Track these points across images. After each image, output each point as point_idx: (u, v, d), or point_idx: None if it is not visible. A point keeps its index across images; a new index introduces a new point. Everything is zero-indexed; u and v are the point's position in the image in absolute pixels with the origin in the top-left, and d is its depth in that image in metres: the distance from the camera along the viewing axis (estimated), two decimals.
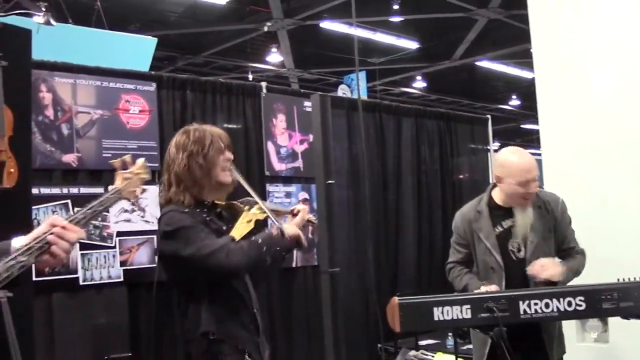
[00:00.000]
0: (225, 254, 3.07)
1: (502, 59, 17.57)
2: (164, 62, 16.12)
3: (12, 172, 4.11)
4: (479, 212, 4.19)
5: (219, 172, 3.31)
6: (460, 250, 4.32)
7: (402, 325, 3.53)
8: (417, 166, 8.00)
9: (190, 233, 3.12)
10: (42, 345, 4.94)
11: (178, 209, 3.20)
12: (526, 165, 3.97)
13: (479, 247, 4.17)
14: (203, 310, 3.18)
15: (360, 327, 7.13)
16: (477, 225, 4.17)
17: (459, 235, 4.32)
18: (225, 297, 3.23)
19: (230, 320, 3.21)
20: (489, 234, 4.12)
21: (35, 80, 5.02)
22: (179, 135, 3.38)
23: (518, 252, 4.08)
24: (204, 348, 3.18)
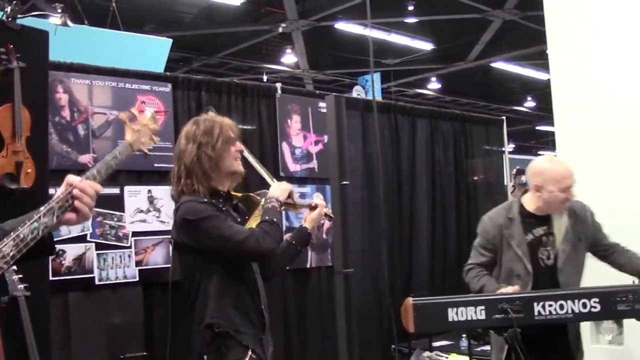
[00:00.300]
0: (257, 238, 3.13)
1: (517, 60, 17.51)
2: (179, 63, 16.15)
3: (29, 172, 4.14)
4: (511, 219, 4.16)
5: (230, 162, 3.33)
6: (484, 254, 4.30)
7: (416, 326, 3.54)
8: (431, 167, 8.00)
9: (216, 222, 3.16)
10: (58, 343, 4.97)
11: (197, 199, 3.22)
12: (566, 172, 4.02)
13: (508, 253, 4.15)
14: (210, 303, 3.21)
15: (374, 328, 7.14)
16: (508, 232, 4.15)
17: (486, 240, 4.29)
18: (234, 291, 3.25)
19: (236, 314, 3.23)
20: (521, 241, 4.10)
21: (52, 81, 5.06)
22: (189, 125, 3.39)
23: (547, 260, 4.09)
24: (208, 340, 3.21)
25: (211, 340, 3.20)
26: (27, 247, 2.01)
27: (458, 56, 17.22)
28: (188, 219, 3.18)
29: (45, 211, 2.09)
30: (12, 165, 4.04)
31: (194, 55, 16.24)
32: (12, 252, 1.96)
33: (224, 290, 3.22)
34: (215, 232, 3.14)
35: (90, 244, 5.19)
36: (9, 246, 1.96)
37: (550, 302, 3.54)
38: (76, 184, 2.18)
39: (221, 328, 3.18)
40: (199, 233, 3.16)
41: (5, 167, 4.02)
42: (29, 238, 2.01)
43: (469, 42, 16.35)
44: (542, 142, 27.83)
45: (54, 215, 2.10)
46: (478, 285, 4.18)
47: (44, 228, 2.06)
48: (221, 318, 3.19)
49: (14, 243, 1.97)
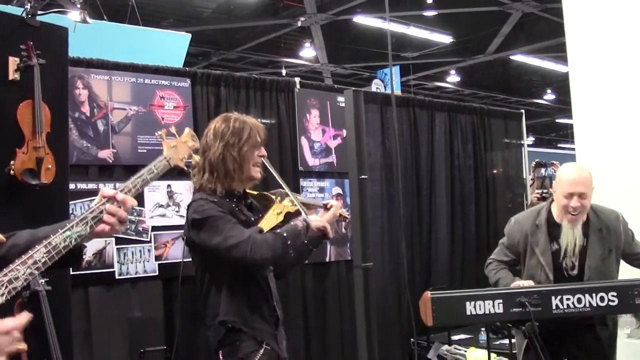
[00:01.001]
0: (250, 246, 3.11)
1: (536, 52, 17.43)
2: (198, 58, 16.21)
3: (50, 168, 4.17)
4: (537, 226, 4.15)
5: (250, 167, 3.34)
6: (508, 254, 4.30)
7: (435, 319, 3.56)
8: (450, 161, 7.98)
9: (217, 222, 3.18)
10: (79, 337, 5.00)
11: (207, 198, 3.24)
12: (573, 179, 3.98)
13: (531, 260, 4.14)
14: (222, 300, 3.23)
15: (393, 322, 7.14)
16: (534, 239, 4.14)
17: (511, 244, 4.29)
18: (246, 288, 3.27)
19: (249, 311, 3.25)
20: (545, 250, 4.09)
21: (72, 77, 5.08)
22: (219, 122, 3.40)
23: (571, 270, 4.07)
24: (221, 335, 3.23)
25: (225, 336, 3.23)
26: (59, 255, 2.03)
27: (477, 49, 17.17)
28: (196, 219, 3.22)
29: (78, 220, 2.12)
30: (32, 161, 4.07)
31: (213, 50, 16.28)
32: (43, 258, 1.99)
33: (235, 287, 3.25)
34: (214, 233, 3.16)
35: (110, 239, 5.22)
36: (41, 252, 1.99)
37: (568, 295, 3.54)
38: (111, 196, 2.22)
39: (234, 324, 3.21)
40: (204, 231, 3.19)
41: (26, 163, 4.05)
42: (61, 246, 2.04)
43: (488, 35, 16.31)
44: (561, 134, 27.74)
45: (87, 225, 2.13)
46: (495, 278, 4.19)
47: (77, 237, 2.09)
48: (234, 315, 3.22)
49: (45, 250, 2.00)
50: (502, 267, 4.24)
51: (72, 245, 2.07)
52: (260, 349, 3.22)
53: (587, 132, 5.64)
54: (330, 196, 6.70)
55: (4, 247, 2.18)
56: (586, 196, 3.96)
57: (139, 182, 2.36)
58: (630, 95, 5.34)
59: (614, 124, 5.41)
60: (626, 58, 5.39)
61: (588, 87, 5.63)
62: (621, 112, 5.38)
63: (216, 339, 3.27)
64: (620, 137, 5.35)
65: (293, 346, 3.89)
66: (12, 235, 2.26)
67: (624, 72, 5.41)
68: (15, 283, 1.93)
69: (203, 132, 5.67)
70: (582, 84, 5.69)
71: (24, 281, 1.95)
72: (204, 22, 14.67)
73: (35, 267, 1.96)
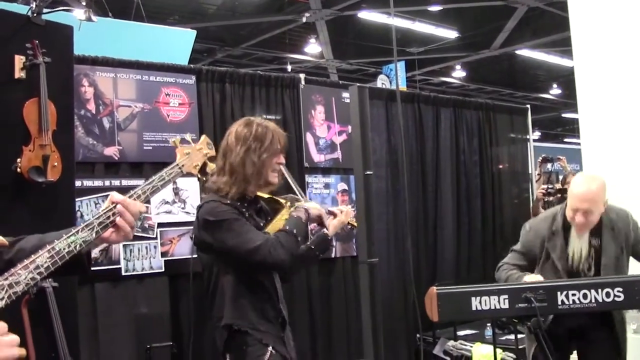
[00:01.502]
0: (269, 250, 3.13)
1: (542, 47, 17.38)
2: (203, 55, 16.20)
3: (55, 165, 4.18)
4: (554, 232, 4.14)
5: (269, 173, 3.35)
6: (521, 259, 4.27)
7: (440, 315, 3.56)
8: (455, 157, 7.98)
9: (234, 226, 3.18)
10: (86, 333, 5.03)
11: (220, 200, 3.24)
12: (579, 194, 3.95)
13: (546, 263, 4.14)
14: (227, 302, 3.24)
15: (399, 317, 7.15)
16: (551, 245, 4.13)
17: (528, 250, 4.26)
18: (251, 291, 3.27)
19: (254, 313, 3.25)
20: (562, 256, 4.08)
21: (77, 75, 5.09)
22: (241, 126, 3.39)
23: (588, 271, 4.06)
24: (226, 338, 3.24)
25: (230, 338, 3.23)
26: (62, 260, 2.00)
27: (482, 44, 17.12)
28: (208, 220, 3.21)
29: (84, 225, 2.09)
30: (39, 159, 4.09)
31: (218, 47, 16.27)
32: (46, 263, 1.96)
33: (241, 290, 3.25)
34: (231, 236, 3.16)
35: None
36: (44, 257, 1.96)
37: (574, 291, 3.54)
38: (120, 201, 2.18)
39: (239, 327, 3.21)
40: (217, 234, 3.19)
41: (32, 161, 4.06)
42: (65, 251, 2.01)
43: (493, 30, 16.26)
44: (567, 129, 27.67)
45: (93, 230, 2.10)
46: (505, 277, 4.18)
47: (82, 242, 2.06)
48: (239, 318, 3.22)
49: (49, 255, 1.97)
50: (512, 268, 4.23)
51: (76, 251, 2.04)
52: (266, 353, 3.23)
53: (592, 127, 5.64)
54: (335, 192, 6.71)
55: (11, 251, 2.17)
56: (592, 213, 3.94)
57: (149, 189, 2.32)
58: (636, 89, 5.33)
59: (620, 119, 5.40)
60: (632, 52, 5.39)
61: (594, 82, 5.63)
62: (627, 106, 5.37)
63: (222, 341, 3.28)
64: (626, 132, 5.35)
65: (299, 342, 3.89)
66: (21, 239, 2.24)
67: (629, 66, 5.40)
68: (16, 287, 1.90)
69: (208, 129, 5.73)
70: (587, 79, 5.69)
71: (25, 286, 1.92)
72: (209, 18, 14.66)
73: (38, 272, 1.94)
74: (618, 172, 5.15)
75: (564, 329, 4.01)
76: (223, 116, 5.97)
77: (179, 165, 2.53)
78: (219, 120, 5.94)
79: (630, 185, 5.05)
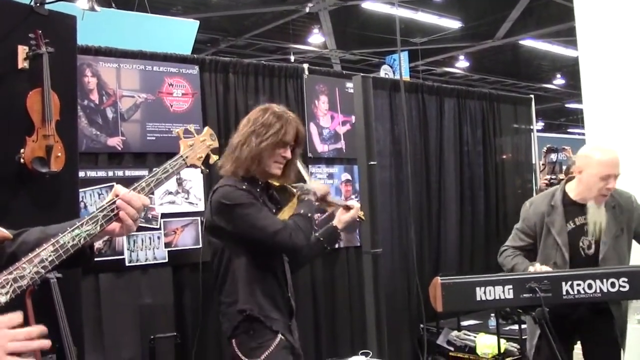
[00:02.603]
0: (289, 233, 3.17)
1: (546, 37, 17.35)
2: (206, 45, 16.19)
3: (59, 156, 4.17)
4: (553, 206, 4.15)
5: (268, 162, 3.34)
6: (523, 239, 4.28)
7: (445, 305, 3.55)
8: (459, 147, 7.97)
9: (251, 210, 3.20)
10: (90, 324, 5.03)
11: (236, 185, 3.25)
12: (611, 161, 3.98)
13: (547, 240, 4.14)
14: (240, 288, 3.24)
15: (402, 307, 7.15)
16: (550, 220, 4.13)
17: (527, 226, 4.28)
18: (263, 276, 3.28)
19: (266, 301, 3.26)
20: (562, 230, 4.09)
21: (80, 65, 5.08)
22: (257, 110, 3.43)
23: (588, 250, 4.07)
24: (236, 323, 3.24)
25: (240, 324, 3.24)
26: (67, 254, 1.99)
27: (486, 34, 17.09)
28: (224, 203, 3.21)
29: (88, 219, 2.08)
30: (42, 149, 4.08)
31: (221, 37, 16.26)
32: (50, 257, 1.94)
33: (253, 276, 3.26)
34: (249, 221, 3.18)
35: None
36: (48, 251, 1.95)
37: (579, 281, 3.53)
38: (122, 195, 2.16)
39: (251, 313, 3.22)
40: (234, 219, 3.20)
41: (36, 151, 4.06)
42: (69, 245, 2.00)
43: (497, 20, 16.23)
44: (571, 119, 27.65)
45: (97, 223, 2.09)
46: (510, 265, 4.18)
47: (87, 236, 2.05)
48: (252, 304, 3.22)
49: (53, 248, 1.96)
50: (517, 254, 4.24)
51: (80, 244, 2.03)
52: (275, 338, 3.23)
53: (597, 117, 5.62)
54: (339, 182, 6.70)
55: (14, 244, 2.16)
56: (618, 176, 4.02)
57: (153, 181, 2.30)
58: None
59: (625, 109, 5.39)
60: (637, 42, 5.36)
61: (598, 72, 5.61)
62: (631, 96, 5.35)
63: (231, 326, 3.28)
64: (631, 122, 5.33)
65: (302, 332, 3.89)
66: (23, 232, 2.23)
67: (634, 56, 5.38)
68: (21, 282, 1.89)
69: (211, 119, 5.73)
70: (592, 69, 5.67)
71: (30, 280, 1.90)
72: (212, 9, 14.64)
73: (42, 266, 1.92)
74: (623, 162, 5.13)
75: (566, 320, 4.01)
76: (226, 106, 5.96)
77: (182, 157, 2.50)
78: (222, 111, 5.93)
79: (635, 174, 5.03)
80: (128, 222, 2.15)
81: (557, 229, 4.09)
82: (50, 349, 4.01)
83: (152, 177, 2.32)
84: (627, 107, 5.37)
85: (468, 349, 6.56)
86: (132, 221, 2.16)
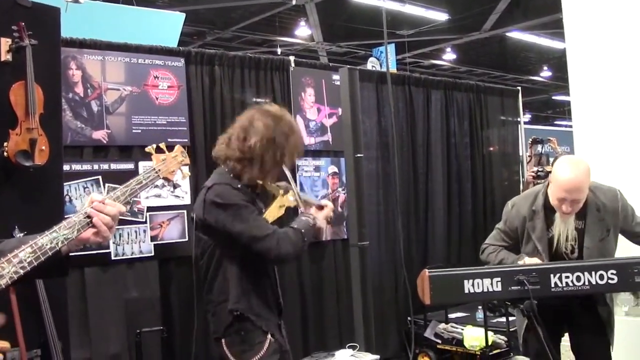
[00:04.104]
0: (277, 240, 3.17)
1: (533, 29, 17.35)
2: (192, 38, 16.12)
3: (43, 149, 4.15)
4: (534, 211, 4.05)
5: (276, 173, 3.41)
6: (505, 240, 4.19)
7: (432, 297, 3.54)
8: (446, 139, 7.97)
9: (243, 212, 3.19)
10: (75, 319, 5.01)
11: (231, 185, 3.24)
12: (568, 184, 3.75)
13: (527, 245, 4.08)
14: (231, 287, 3.23)
15: (390, 300, 7.15)
16: (531, 225, 4.05)
17: (509, 229, 4.20)
18: (253, 277, 3.27)
19: (257, 300, 3.25)
20: (542, 236, 4.01)
21: (65, 58, 5.05)
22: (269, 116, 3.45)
23: (571, 254, 3.98)
24: (228, 323, 3.22)
25: (231, 324, 3.22)
26: (45, 256, 2.00)
27: (473, 26, 17.07)
28: (217, 202, 3.21)
29: (65, 223, 2.10)
30: (26, 143, 4.05)
31: (208, 29, 16.19)
32: (29, 258, 1.96)
33: (243, 275, 3.24)
34: (239, 222, 3.17)
35: None
36: (26, 252, 1.96)
37: (567, 273, 3.52)
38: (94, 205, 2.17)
39: (242, 312, 3.20)
40: (225, 218, 3.18)
41: (20, 145, 4.02)
42: (47, 247, 2.01)
43: (483, 12, 16.21)
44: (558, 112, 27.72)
45: (74, 228, 2.10)
46: (497, 260, 4.11)
47: (64, 239, 2.06)
48: (244, 304, 3.21)
49: (31, 250, 1.98)
50: (500, 249, 4.19)
51: (58, 247, 2.04)
52: (266, 341, 3.22)
53: (584, 109, 5.60)
54: (326, 175, 6.69)
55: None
56: (578, 201, 3.83)
57: (128, 191, 2.34)
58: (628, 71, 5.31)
59: (612, 101, 5.38)
60: (624, 34, 5.36)
61: (585, 64, 5.60)
62: (619, 88, 5.34)
63: (221, 326, 3.26)
64: (618, 114, 5.32)
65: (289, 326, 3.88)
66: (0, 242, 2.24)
67: (621, 48, 5.37)
68: (0, 281, 1.91)
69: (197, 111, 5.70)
70: (579, 61, 5.66)
71: (9, 280, 1.92)
72: (199, 1, 14.56)
73: (21, 267, 1.94)
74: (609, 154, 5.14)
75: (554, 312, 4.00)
76: (212, 99, 5.93)
77: (155, 169, 2.56)
78: (208, 103, 5.90)
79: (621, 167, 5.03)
80: (102, 229, 2.17)
81: (538, 235, 4.01)
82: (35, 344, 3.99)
83: (126, 187, 2.36)
84: (614, 99, 5.36)
85: (455, 341, 6.57)
86: (107, 228, 2.18)
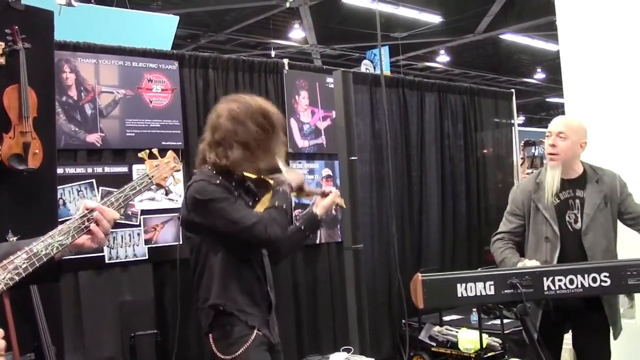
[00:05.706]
0: (265, 225, 3.14)
1: (526, 31, 17.38)
2: (186, 40, 16.12)
3: (37, 152, 4.14)
4: (539, 183, 4.22)
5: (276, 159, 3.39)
6: (513, 220, 4.31)
7: (426, 301, 3.54)
8: (440, 141, 7.98)
9: (224, 204, 3.17)
10: (69, 323, 5.00)
11: (209, 180, 3.22)
12: (555, 120, 4.22)
13: (536, 217, 4.19)
14: (215, 283, 3.22)
15: (384, 303, 7.16)
16: (536, 196, 4.20)
17: (515, 207, 4.32)
18: (239, 272, 3.26)
19: (241, 295, 3.24)
20: (548, 205, 4.14)
21: (59, 61, 5.05)
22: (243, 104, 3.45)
23: (575, 223, 4.11)
24: (211, 319, 3.23)
25: (215, 319, 3.22)
26: (40, 262, 2.01)
27: (466, 28, 17.10)
28: (197, 199, 3.19)
29: (59, 230, 2.11)
30: (19, 146, 4.04)
31: (202, 32, 16.19)
32: (24, 264, 1.97)
33: (228, 271, 3.23)
34: (223, 215, 3.15)
35: None
36: (22, 259, 1.97)
37: (560, 276, 3.52)
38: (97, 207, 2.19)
39: (225, 307, 3.20)
40: (208, 213, 3.17)
41: (13, 148, 4.02)
42: (42, 253, 2.02)
43: (477, 14, 16.24)
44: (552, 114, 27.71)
45: (69, 235, 2.11)
46: (500, 258, 4.21)
47: (59, 246, 2.07)
48: (226, 299, 3.21)
49: (26, 256, 1.98)
50: (508, 246, 4.24)
51: (53, 253, 2.05)
52: (251, 334, 3.21)
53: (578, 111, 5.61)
54: (320, 178, 6.69)
55: None
56: (565, 138, 4.10)
57: (122, 197, 2.35)
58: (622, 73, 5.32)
59: (605, 103, 5.39)
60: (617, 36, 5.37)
61: (579, 66, 5.61)
62: (612, 90, 5.36)
63: (207, 322, 3.26)
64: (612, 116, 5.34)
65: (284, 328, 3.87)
66: None
67: (615, 50, 5.38)
68: None
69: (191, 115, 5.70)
70: (573, 63, 5.67)
71: (4, 286, 1.92)
72: (193, 4, 14.55)
73: (16, 273, 1.94)
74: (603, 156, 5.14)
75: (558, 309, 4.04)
76: (206, 102, 5.93)
77: (149, 175, 2.58)
78: (202, 106, 5.90)
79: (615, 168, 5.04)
80: (100, 236, 2.19)
81: (544, 204, 4.14)
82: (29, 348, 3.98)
83: (120, 193, 2.37)
84: (608, 101, 5.38)
85: (450, 344, 6.57)
86: (103, 235, 2.20)
